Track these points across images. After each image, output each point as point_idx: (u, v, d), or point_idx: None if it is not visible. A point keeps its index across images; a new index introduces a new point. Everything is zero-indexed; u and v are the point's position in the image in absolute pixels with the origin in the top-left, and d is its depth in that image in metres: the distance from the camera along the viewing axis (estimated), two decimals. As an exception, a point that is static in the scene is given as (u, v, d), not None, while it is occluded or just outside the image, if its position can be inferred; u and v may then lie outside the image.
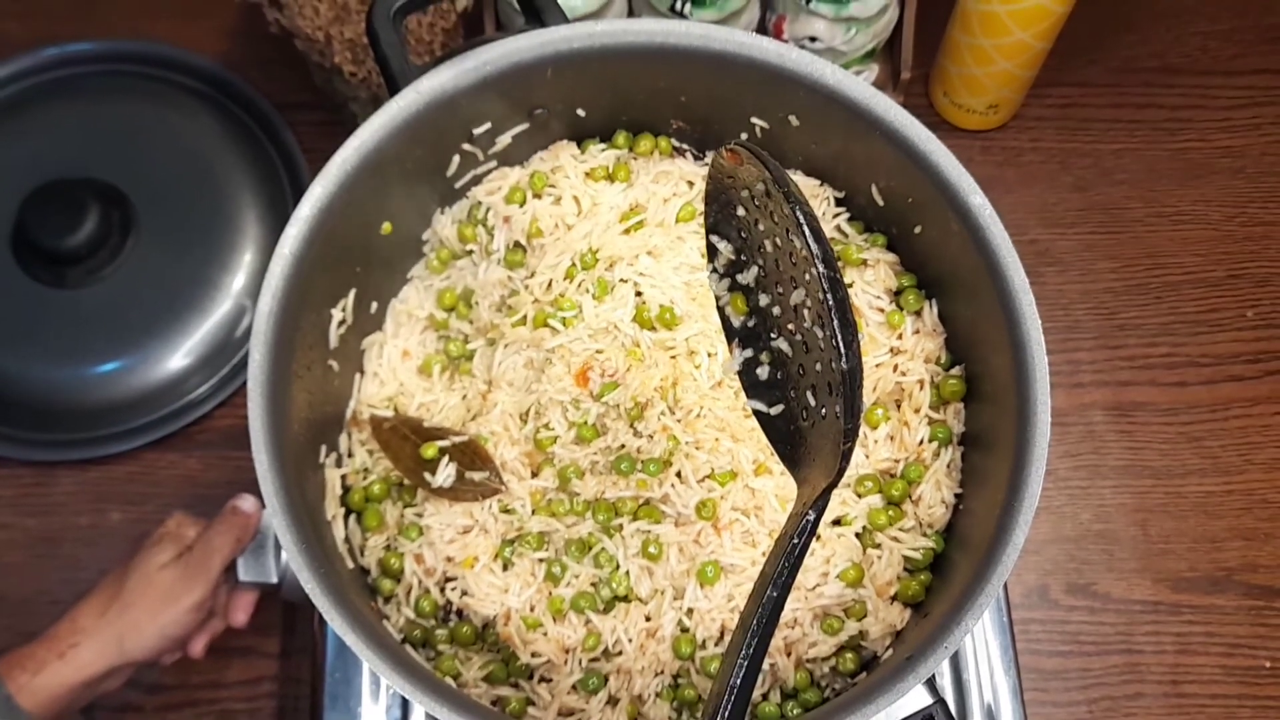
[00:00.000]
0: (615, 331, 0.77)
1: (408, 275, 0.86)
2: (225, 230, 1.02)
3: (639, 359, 0.76)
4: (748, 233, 0.63)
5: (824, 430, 0.59)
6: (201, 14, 1.12)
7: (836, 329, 0.54)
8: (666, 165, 0.82)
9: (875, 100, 0.73)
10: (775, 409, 0.64)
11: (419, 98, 0.74)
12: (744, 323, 0.66)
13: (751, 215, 0.61)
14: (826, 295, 0.54)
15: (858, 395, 0.55)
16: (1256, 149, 1.10)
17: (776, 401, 0.64)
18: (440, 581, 0.77)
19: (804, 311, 0.58)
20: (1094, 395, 1.02)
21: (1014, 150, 1.10)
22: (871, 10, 0.96)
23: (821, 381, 0.58)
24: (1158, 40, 1.14)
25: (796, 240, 0.56)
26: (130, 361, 0.99)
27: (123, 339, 0.99)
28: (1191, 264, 1.06)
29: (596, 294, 0.77)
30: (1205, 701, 0.93)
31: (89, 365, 0.98)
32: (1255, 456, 1.00)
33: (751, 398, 0.66)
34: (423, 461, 0.76)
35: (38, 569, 0.96)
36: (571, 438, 0.76)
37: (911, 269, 0.82)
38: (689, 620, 0.75)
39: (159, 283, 1.00)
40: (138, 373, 0.99)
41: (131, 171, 1.02)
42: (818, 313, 0.56)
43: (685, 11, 0.96)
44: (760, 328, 0.65)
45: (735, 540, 0.75)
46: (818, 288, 0.55)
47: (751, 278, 0.64)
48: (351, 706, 0.81)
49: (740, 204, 0.62)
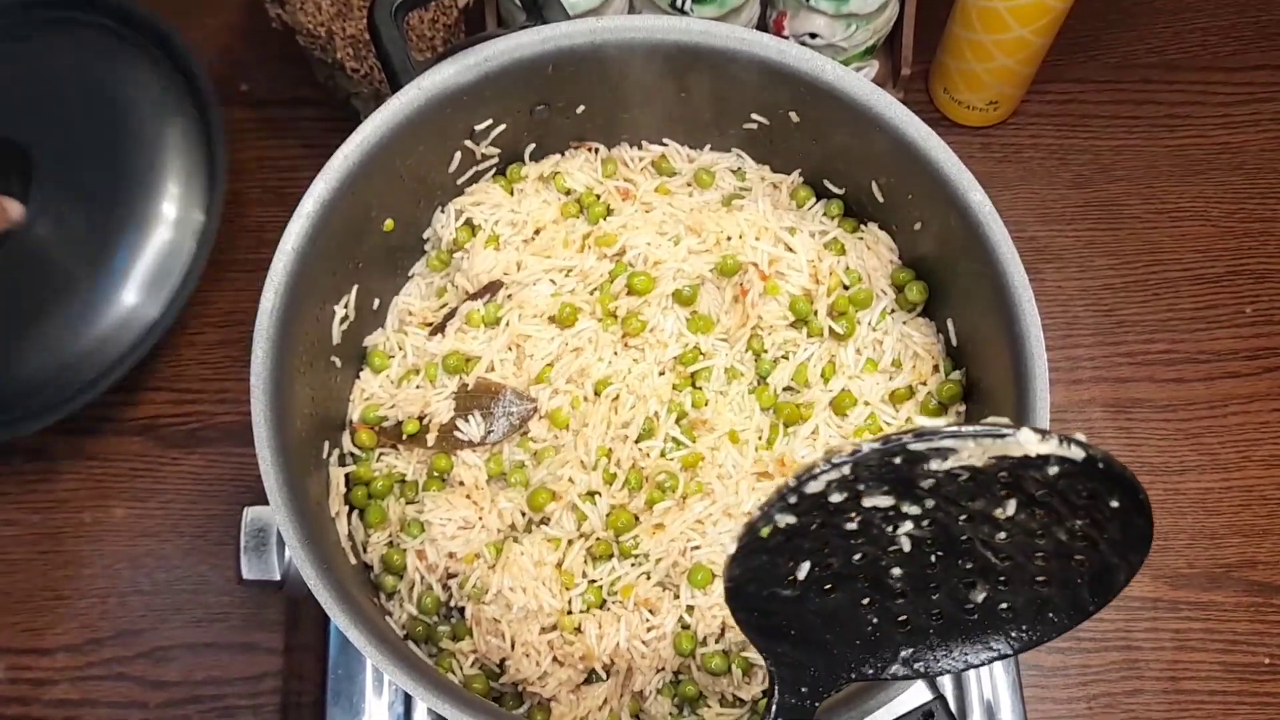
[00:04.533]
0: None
1: (410, 273, 0.86)
2: (139, 163, 0.95)
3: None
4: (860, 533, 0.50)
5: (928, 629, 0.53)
6: (204, 10, 1.13)
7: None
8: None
9: (875, 97, 0.74)
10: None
11: (421, 94, 0.74)
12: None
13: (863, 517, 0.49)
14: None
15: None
16: (1255, 145, 1.10)
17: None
18: (442, 578, 0.77)
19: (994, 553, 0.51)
20: (1092, 391, 1.02)
21: (1013, 146, 1.10)
22: (871, 6, 0.96)
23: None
24: (1157, 37, 1.14)
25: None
26: (70, 312, 0.93)
27: (58, 286, 0.93)
28: (1190, 260, 1.06)
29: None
30: (1204, 698, 0.93)
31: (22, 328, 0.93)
32: (1253, 453, 1.00)
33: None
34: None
35: (41, 565, 0.96)
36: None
37: (911, 265, 0.83)
38: (689, 617, 0.75)
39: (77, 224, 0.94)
40: (76, 325, 0.93)
41: (24, 118, 0.96)
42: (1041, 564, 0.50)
43: (686, 8, 0.96)
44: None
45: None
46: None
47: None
48: (355, 702, 0.82)
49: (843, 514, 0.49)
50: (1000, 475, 0.47)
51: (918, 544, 0.50)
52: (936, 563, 0.51)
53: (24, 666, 0.93)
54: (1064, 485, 0.47)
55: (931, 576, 0.51)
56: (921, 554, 0.50)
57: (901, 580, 0.51)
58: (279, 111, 1.10)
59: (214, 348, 1.02)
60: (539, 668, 0.74)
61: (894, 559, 0.51)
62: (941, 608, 0.52)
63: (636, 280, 0.79)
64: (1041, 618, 0.52)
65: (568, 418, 0.77)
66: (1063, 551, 0.50)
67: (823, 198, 0.86)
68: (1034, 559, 0.50)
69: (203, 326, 1.03)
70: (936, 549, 0.50)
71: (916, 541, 0.50)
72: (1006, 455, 0.46)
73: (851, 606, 0.52)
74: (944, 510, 0.48)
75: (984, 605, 0.52)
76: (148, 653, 0.93)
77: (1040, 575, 0.51)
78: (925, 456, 0.46)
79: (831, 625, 0.53)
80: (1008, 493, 0.48)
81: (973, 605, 0.52)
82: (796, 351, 0.80)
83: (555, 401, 0.78)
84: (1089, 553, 0.50)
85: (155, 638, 0.94)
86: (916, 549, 0.50)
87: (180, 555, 0.96)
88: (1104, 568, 0.50)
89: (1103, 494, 0.47)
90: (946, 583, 0.52)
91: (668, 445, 0.77)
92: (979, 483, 0.47)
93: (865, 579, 0.52)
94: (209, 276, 0.95)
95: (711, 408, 0.78)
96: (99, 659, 0.93)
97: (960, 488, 0.47)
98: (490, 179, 0.85)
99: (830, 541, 0.50)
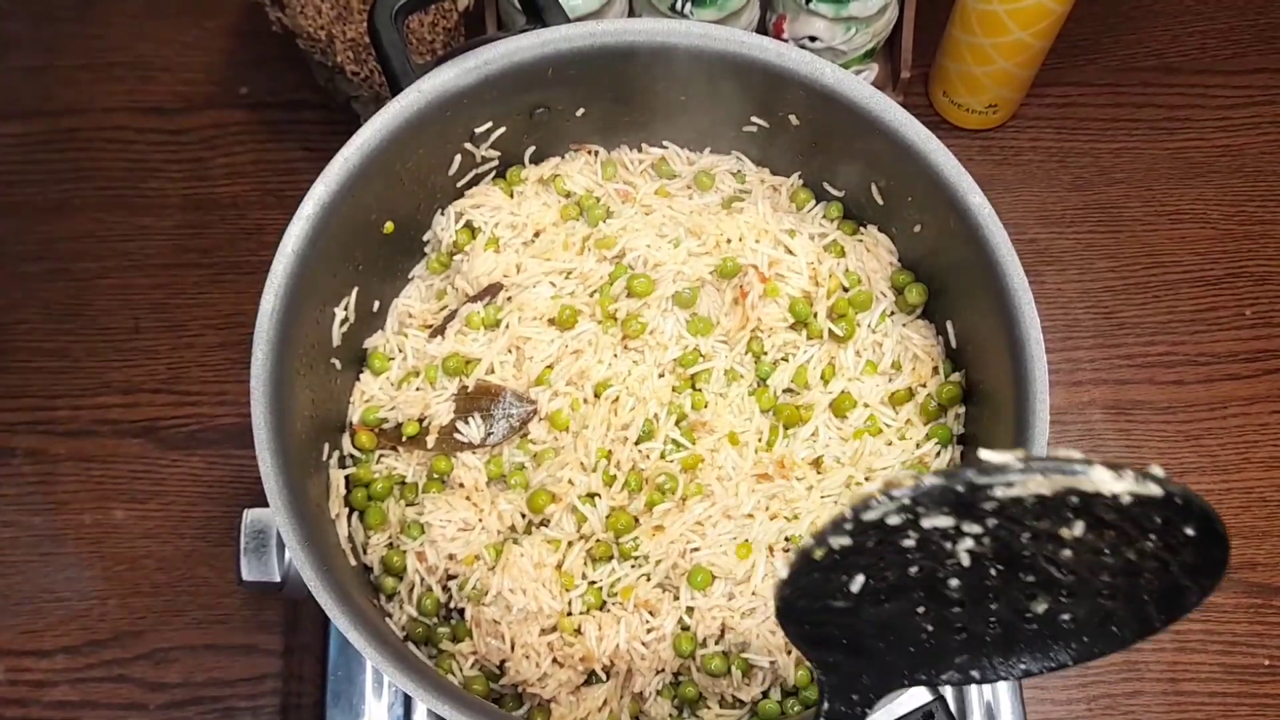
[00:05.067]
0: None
1: (409, 275, 0.86)
2: None
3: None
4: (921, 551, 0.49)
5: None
6: (204, 13, 1.13)
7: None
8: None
9: (875, 100, 0.74)
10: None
11: (420, 97, 0.74)
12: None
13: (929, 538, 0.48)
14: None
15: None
16: (1255, 148, 1.10)
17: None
18: (442, 580, 0.77)
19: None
20: (1092, 394, 1.02)
21: (1013, 149, 1.10)
22: (871, 10, 0.96)
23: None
24: (1156, 40, 1.14)
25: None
26: None
27: None
28: (1190, 263, 1.07)
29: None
30: (1204, 699, 0.93)
31: None
32: (1253, 455, 1.00)
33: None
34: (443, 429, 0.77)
35: (41, 566, 0.96)
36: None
37: (911, 267, 0.83)
38: (689, 619, 0.75)
39: None
40: None
41: None
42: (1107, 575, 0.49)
43: (686, 11, 0.96)
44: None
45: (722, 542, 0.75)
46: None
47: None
48: (355, 704, 0.82)
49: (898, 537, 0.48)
50: (1070, 500, 0.45)
51: (977, 559, 0.48)
52: (997, 576, 0.49)
53: (24, 668, 0.93)
54: (1137, 513, 0.45)
55: (990, 588, 0.50)
56: (981, 568, 0.49)
57: (959, 591, 0.50)
58: (279, 114, 1.10)
59: (214, 350, 1.03)
60: (539, 669, 0.74)
61: (952, 571, 0.49)
62: (1000, 617, 0.51)
63: (636, 282, 0.79)
64: (1104, 630, 0.51)
65: (567, 420, 0.77)
66: (1131, 570, 0.48)
67: (822, 200, 0.86)
68: (1099, 575, 0.49)
69: (203, 329, 1.03)
70: (997, 563, 0.49)
71: (976, 557, 0.48)
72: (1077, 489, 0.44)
73: (906, 616, 0.51)
74: (1007, 529, 0.47)
75: (1045, 616, 0.50)
76: (147, 654, 0.93)
77: (1105, 590, 0.49)
78: (989, 486, 0.45)
79: (885, 634, 0.52)
80: (1075, 515, 0.46)
81: (1033, 615, 0.51)
82: (796, 353, 0.80)
83: (555, 403, 0.78)
84: (1160, 573, 0.48)
85: (155, 639, 0.94)
86: (976, 563, 0.49)
87: (180, 557, 0.96)
88: (1174, 588, 0.49)
89: (1176, 522, 0.45)
90: (1006, 594, 0.50)
91: (667, 447, 0.77)
92: (1046, 506, 0.45)
93: (921, 590, 0.50)
94: (209, 278, 0.95)
95: (711, 409, 0.78)
96: (99, 660, 0.93)
97: (1026, 509, 0.46)
98: (490, 181, 0.85)
99: (885, 557, 0.48)
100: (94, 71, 1.12)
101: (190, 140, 1.10)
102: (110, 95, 1.11)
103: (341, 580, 0.70)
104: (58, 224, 1.07)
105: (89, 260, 1.06)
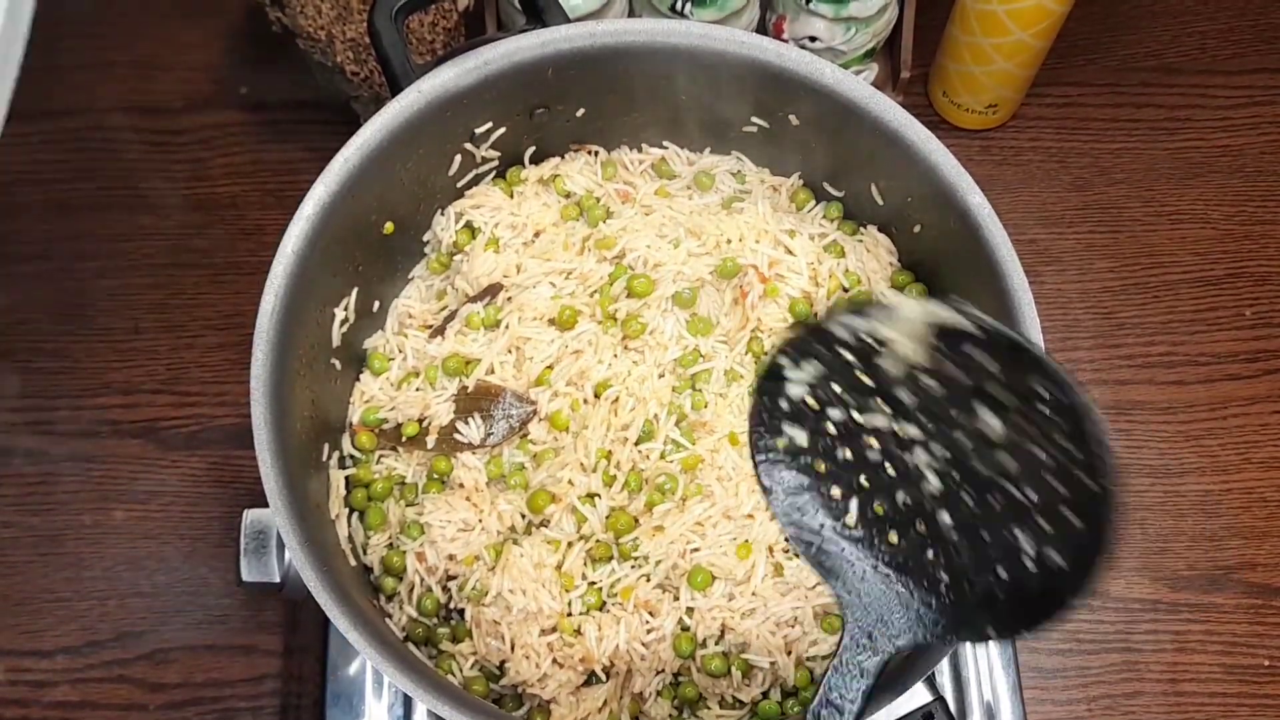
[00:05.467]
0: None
1: (409, 275, 0.86)
2: None
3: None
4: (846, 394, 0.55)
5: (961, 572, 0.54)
6: (204, 13, 1.13)
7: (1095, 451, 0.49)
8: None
9: (874, 100, 0.74)
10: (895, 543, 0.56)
11: (420, 97, 0.74)
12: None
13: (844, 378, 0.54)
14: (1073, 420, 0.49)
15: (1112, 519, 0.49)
16: (1255, 148, 1.10)
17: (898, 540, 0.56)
18: (442, 580, 0.77)
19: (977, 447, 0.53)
20: (1092, 394, 1.01)
21: (1013, 149, 1.10)
22: (871, 10, 0.96)
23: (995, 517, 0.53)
24: (1156, 40, 1.14)
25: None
26: None
27: None
28: (1190, 263, 1.07)
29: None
30: (1204, 700, 0.93)
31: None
32: (1253, 455, 1.00)
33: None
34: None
35: (41, 567, 0.96)
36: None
37: (910, 267, 0.83)
38: (689, 619, 0.75)
39: None
40: None
41: None
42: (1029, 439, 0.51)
43: (686, 11, 0.96)
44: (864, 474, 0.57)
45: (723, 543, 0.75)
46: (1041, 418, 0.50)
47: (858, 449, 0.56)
48: (354, 704, 0.82)
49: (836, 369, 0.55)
50: (949, 371, 0.51)
51: (944, 479, 0.53)
52: (974, 504, 0.53)
53: (24, 669, 0.93)
54: (1009, 378, 0.50)
55: (977, 519, 0.53)
56: (954, 493, 0.53)
57: (956, 530, 0.54)
58: (279, 115, 1.10)
59: (214, 350, 1.03)
60: (539, 670, 0.74)
61: (936, 503, 0.54)
62: (1003, 563, 0.53)
63: (636, 283, 0.79)
64: (1080, 562, 0.51)
65: (567, 420, 0.77)
66: (1062, 469, 0.50)
67: (822, 200, 0.86)
68: (1044, 476, 0.51)
69: (203, 329, 1.03)
70: (965, 485, 0.53)
71: (941, 476, 0.53)
72: (926, 338, 0.51)
73: (917, 555, 0.55)
74: (940, 430, 0.53)
75: (1039, 559, 0.52)
76: (147, 655, 0.93)
77: (1062, 503, 0.51)
78: (859, 349, 0.52)
79: (904, 576, 0.56)
80: (975, 398, 0.51)
81: (1031, 557, 0.52)
82: (796, 354, 0.80)
83: (555, 404, 0.78)
84: (1067, 477, 0.50)
85: (155, 640, 0.94)
86: (947, 486, 0.53)
87: (180, 557, 0.96)
88: (1090, 497, 0.50)
89: (1026, 373, 0.50)
90: (990, 528, 0.53)
91: (667, 447, 0.77)
92: (944, 385, 0.52)
93: (924, 526, 0.55)
94: (209, 278, 0.95)
95: (711, 410, 0.78)
96: (99, 661, 0.93)
97: (932, 398, 0.52)
98: (490, 182, 0.85)
99: (864, 473, 0.55)
100: (94, 71, 1.12)
101: (190, 140, 1.10)
102: (110, 95, 1.11)
103: (341, 581, 0.70)
104: (58, 224, 1.07)
105: (89, 260, 1.06)
